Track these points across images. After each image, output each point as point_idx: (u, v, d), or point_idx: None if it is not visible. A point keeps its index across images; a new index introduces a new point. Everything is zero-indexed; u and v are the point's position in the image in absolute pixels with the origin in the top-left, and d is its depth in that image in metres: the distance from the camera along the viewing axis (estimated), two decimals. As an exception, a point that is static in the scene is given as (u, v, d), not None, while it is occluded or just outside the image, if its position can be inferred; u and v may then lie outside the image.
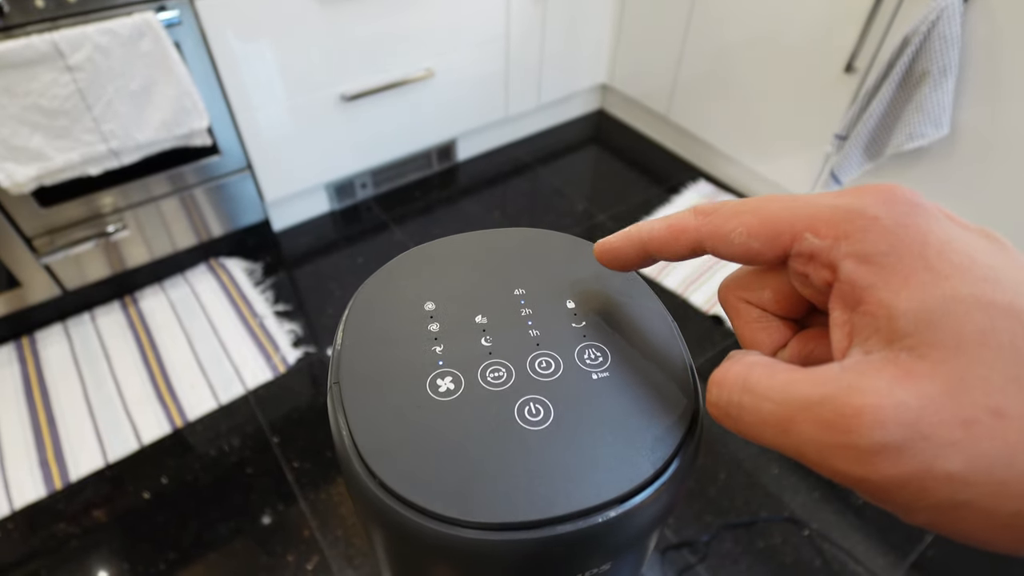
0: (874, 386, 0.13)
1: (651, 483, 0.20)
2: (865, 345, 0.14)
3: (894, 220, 0.15)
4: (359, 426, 0.21)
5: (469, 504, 0.19)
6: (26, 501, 1.04)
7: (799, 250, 0.16)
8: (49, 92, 1.01)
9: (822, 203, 0.16)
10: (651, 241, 0.21)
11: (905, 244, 0.14)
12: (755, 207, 0.18)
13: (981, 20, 1.06)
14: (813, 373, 0.15)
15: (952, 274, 0.14)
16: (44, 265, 1.21)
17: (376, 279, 0.27)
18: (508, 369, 0.23)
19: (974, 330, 0.13)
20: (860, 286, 0.15)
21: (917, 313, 0.13)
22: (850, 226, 0.15)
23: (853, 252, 0.15)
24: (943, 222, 0.15)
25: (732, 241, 0.18)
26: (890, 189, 0.16)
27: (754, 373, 0.16)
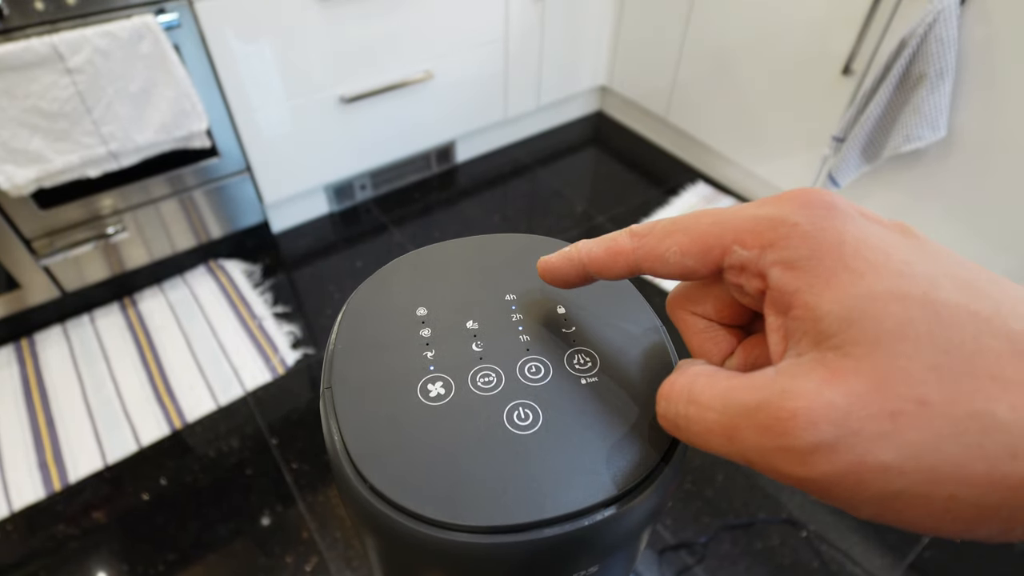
0: (804, 388, 0.14)
1: (639, 486, 0.20)
2: (797, 347, 0.15)
3: (812, 224, 0.15)
4: (350, 430, 0.21)
5: (458, 508, 0.19)
6: (25, 502, 1.05)
7: (730, 263, 0.17)
8: (49, 94, 1.01)
9: (747, 214, 0.17)
10: (591, 263, 0.21)
11: (824, 247, 0.15)
12: (686, 225, 0.18)
13: (978, 23, 1.06)
14: (750, 379, 0.15)
15: (868, 271, 0.14)
16: (43, 267, 1.22)
17: (369, 284, 0.27)
18: (498, 374, 0.23)
19: (892, 324, 0.13)
20: (787, 291, 0.15)
21: (839, 313, 0.14)
22: (773, 234, 0.16)
23: (778, 260, 0.16)
24: (858, 221, 0.16)
25: (667, 260, 0.18)
26: (806, 193, 0.16)
27: (697, 383, 0.17)
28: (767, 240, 0.16)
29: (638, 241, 0.19)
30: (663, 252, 0.18)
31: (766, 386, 0.15)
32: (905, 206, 1.31)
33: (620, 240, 0.20)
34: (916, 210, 1.29)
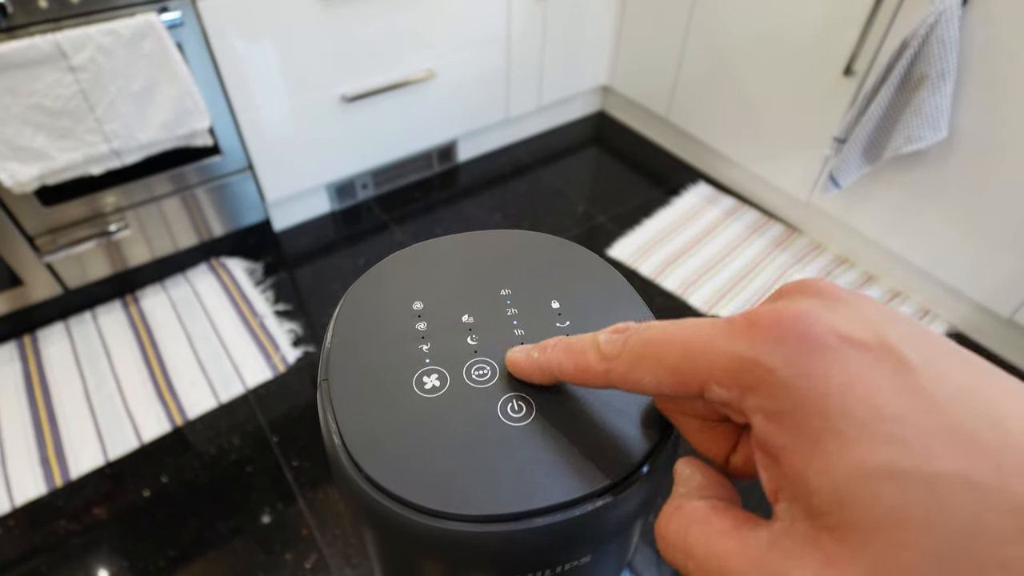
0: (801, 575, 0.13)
1: (629, 477, 0.21)
2: (791, 509, 0.14)
3: (790, 370, 0.14)
4: (347, 421, 0.22)
5: (452, 497, 0.19)
6: (27, 498, 1.05)
7: (710, 397, 0.16)
8: (52, 92, 1.02)
9: (718, 349, 0.16)
10: (561, 375, 0.21)
11: (808, 401, 0.14)
12: (656, 352, 0.17)
13: (979, 24, 1.06)
14: (745, 547, 0.15)
15: (858, 439, 0.13)
16: (46, 264, 1.22)
17: (367, 279, 0.28)
18: (492, 367, 0.24)
19: (887, 507, 0.13)
20: (773, 445, 0.15)
21: (830, 492, 0.13)
22: (749, 378, 0.15)
23: (759, 408, 0.15)
24: (840, 356, 0.14)
25: (644, 388, 0.18)
26: (778, 325, 0.15)
27: (692, 534, 0.16)
28: (744, 383, 0.15)
29: (607, 364, 0.19)
30: (638, 379, 0.18)
31: (762, 563, 0.14)
32: (906, 207, 1.31)
33: (589, 359, 0.20)
34: (917, 211, 1.29)
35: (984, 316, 1.31)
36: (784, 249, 1.54)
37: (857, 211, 1.41)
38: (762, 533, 0.15)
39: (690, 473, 0.19)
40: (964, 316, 1.35)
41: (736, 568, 0.15)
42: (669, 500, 0.18)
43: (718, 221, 1.63)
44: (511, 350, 0.23)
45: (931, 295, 1.39)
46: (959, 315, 1.35)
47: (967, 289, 1.28)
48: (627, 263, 1.50)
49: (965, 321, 1.35)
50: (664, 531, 0.17)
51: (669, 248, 1.55)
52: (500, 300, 0.26)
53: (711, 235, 1.59)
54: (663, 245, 1.56)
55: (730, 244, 1.56)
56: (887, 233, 1.37)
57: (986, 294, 1.25)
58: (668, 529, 0.17)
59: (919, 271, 1.37)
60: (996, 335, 1.30)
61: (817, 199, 1.48)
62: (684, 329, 0.17)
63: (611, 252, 1.54)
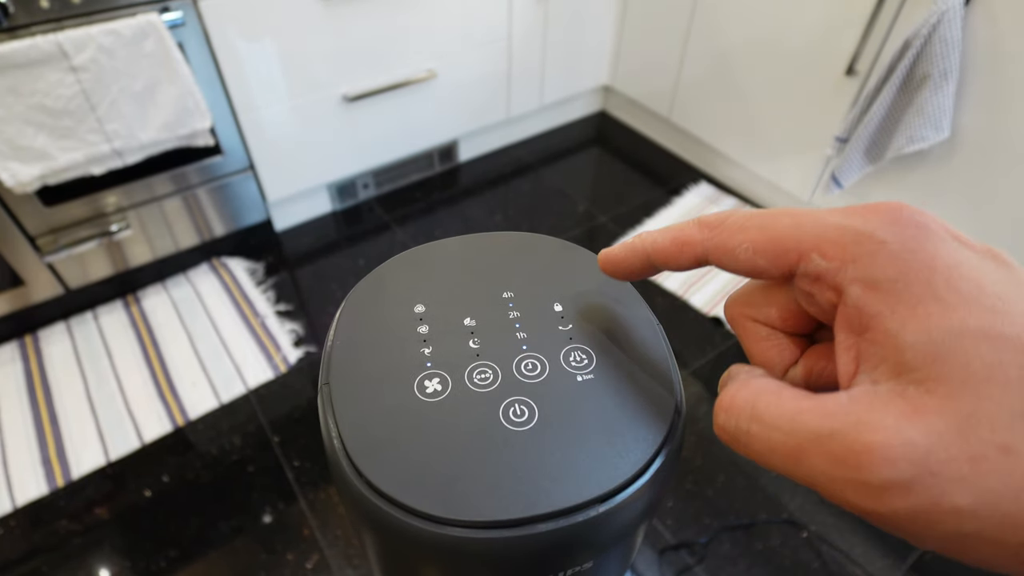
0: (883, 422, 0.13)
1: (631, 483, 0.20)
2: (873, 374, 0.14)
3: (902, 244, 0.15)
4: (348, 426, 0.22)
5: (453, 503, 0.19)
6: (28, 498, 1.05)
7: (805, 270, 0.16)
8: (54, 92, 1.02)
9: (830, 222, 0.16)
10: (655, 253, 0.20)
11: (913, 271, 0.14)
12: (761, 223, 0.17)
13: (982, 23, 1.06)
14: (822, 403, 0.15)
15: (959, 304, 0.14)
16: (47, 264, 1.22)
17: (368, 282, 0.27)
18: (495, 371, 0.23)
19: (981, 365, 0.13)
20: (867, 313, 0.15)
21: (924, 346, 0.13)
22: (858, 249, 0.15)
23: (860, 277, 0.15)
24: (950, 245, 0.15)
25: (737, 257, 0.18)
26: (898, 209, 0.15)
27: (762, 400, 0.16)
28: (851, 254, 0.15)
29: (708, 232, 0.19)
30: (734, 247, 0.18)
31: (840, 413, 0.14)
32: (908, 207, 1.30)
33: (688, 230, 0.19)
34: (919, 211, 1.29)
35: (986, 316, 1.30)
36: (786, 249, 1.54)
37: (859, 211, 1.40)
38: (839, 395, 0.15)
39: (749, 368, 0.19)
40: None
41: (810, 420, 0.14)
42: (731, 382, 0.18)
43: (720, 221, 1.62)
44: (602, 251, 0.23)
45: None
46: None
47: (969, 289, 1.27)
48: (628, 263, 1.50)
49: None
50: (729, 402, 0.17)
51: (670, 248, 1.54)
52: (502, 303, 0.26)
53: (713, 235, 1.58)
54: (664, 245, 1.55)
55: (732, 244, 1.55)
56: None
57: (988, 294, 1.25)
58: (735, 399, 0.17)
59: (921, 271, 1.37)
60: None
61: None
62: (794, 208, 0.17)
63: (612, 252, 1.53)
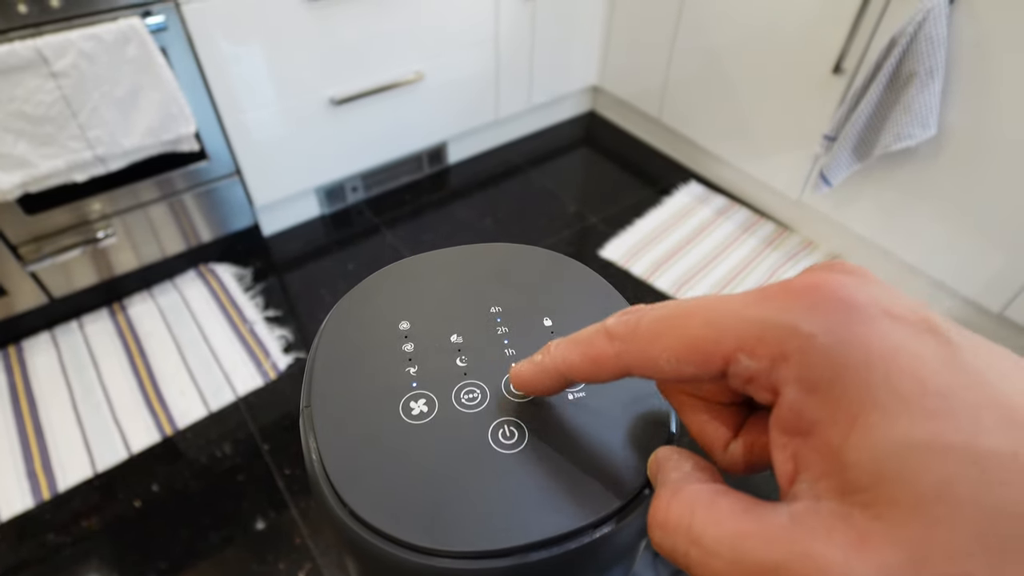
0: (830, 556, 0.12)
1: (627, 507, 0.20)
2: (815, 486, 0.13)
3: (830, 335, 0.14)
4: (330, 451, 0.21)
5: (441, 532, 0.19)
6: (14, 512, 1.03)
7: (735, 372, 0.15)
8: (33, 99, 1.00)
9: (749, 317, 0.15)
10: (569, 372, 0.19)
11: (849, 369, 0.13)
12: (674, 326, 0.16)
13: (967, 21, 1.06)
14: (763, 525, 0.14)
15: (901, 411, 0.12)
16: (30, 273, 1.20)
17: (351, 297, 0.27)
18: (483, 390, 0.23)
19: (931, 483, 0.12)
20: (807, 419, 0.14)
21: (868, 464, 0.12)
22: (785, 346, 0.14)
23: (794, 378, 0.14)
24: (883, 326, 0.14)
25: (662, 368, 0.16)
26: (817, 289, 0.14)
27: (698, 518, 0.15)
28: (777, 352, 0.14)
29: (620, 345, 0.17)
30: (655, 359, 0.16)
31: (783, 541, 0.13)
32: (896, 204, 1.31)
33: (598, 344, 0.18)
34: (907, 208, 1.29)
35: (975, 312, 1.31)
36: (776, 248, 1.54)
37: (848, 209, 1.41)
38: (781, 512, 0.14)
39: (678, 459, 0.18)
40: (955, 312, 1.35)
41: (753, 549, 0.13)
42: (662, 485, 0.17)
43: (710, 220, 1.63)
44: (513, 367, 0.22)
45: (922, 291, 1.39)
46: (950, 311, 1.36)
47: (957, 285, 1.28)
48: (619, 264, 1.50)
49: (956, 317, 1.35)
50: (664, 517, 0.16)
51: (661, 248, 1.54)
52: (490, 318, 0.26)
53: (703, 235, 1.59)
54: (655, 245, 1.55)
55: (722, 243, 1.56)
56: (878, 230, 1.38)
57: (976, 290, 1.25)
58: (668, 515, 0.15)
59: (910, 267, 1.37)
60: (987, 330, 1.31)
61: (808, 197, 1.48)
62: (706, 301, 0.16)
63: (603, 253, 1.53)
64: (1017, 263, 1.17)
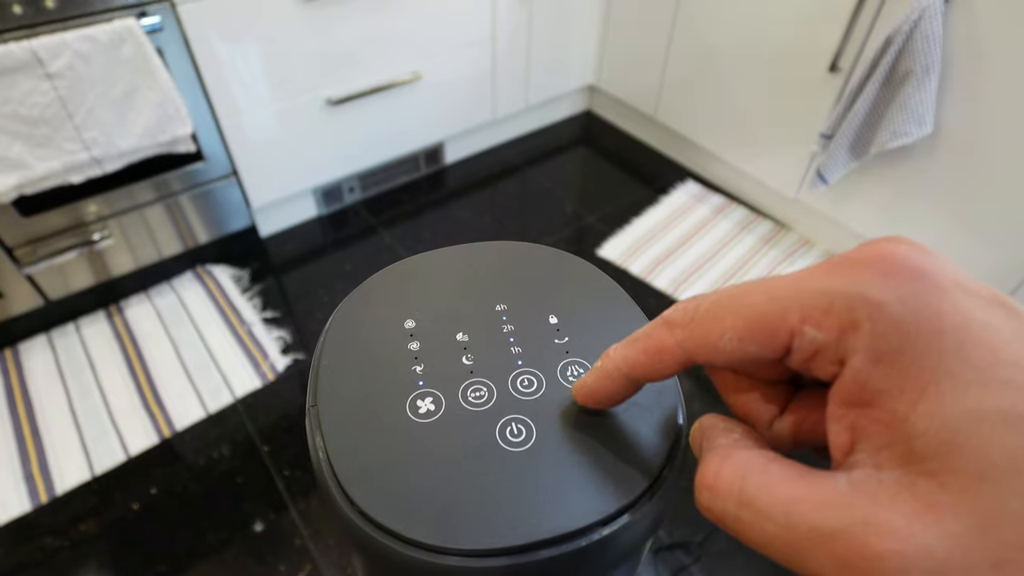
0: (893, 523, 0.12)
1: (635, 503, 0.20)
2: (876, 456, 0.13)
3: (902, 304, 0.13)
4: (337, 450, 0.21)
5: (449, 530, 0.19)
6: (11, 516, 1.03)
7: (801, 346, 0.15)
8: (28, 100, 0.99)
9: (814, 287, 0.14)
10: (633, 371, 0.19)
11: (920, 338, 0.13)
12: (736, 305, 0.16)
13: (963, 19, 1.07)
14: (819, 491, 0.13)
15: (973, 381, 0.12)
16: (26, 275, 1.20)
17: (355, 297, 0.27)
18: (490, 388, 0.23)
19: (1001, 454, 0.11)
20: (871, 389, 0.13)
21: (937, 432, 0.12)
22: (855, 315, 0.14)
23: (863, 347, 0.13)
24: (956, 297, 0.13)
25: (724, 350, 0.16)
26: (889, 257, 0.14)
27: (750, 483, 0.14)
28: (847, 321, 0.14)
29: (681, 333, 0.17)
30: (716, 341, 0.16)
31: (842, 507, 0.13)
32: (893, 202, 1.31)
33: (658, 336, 0.17)
34: (904, 205, 1.30)
35: (972, 309, 1.32)
36: (773, 246, 1.55)
37: (845, 206, 1.42)
38: (839, 479, 0.13)
39: (726, 425, 0.17)
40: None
41: (809, 513, 0.13)
42: (709, 451, 0.16)
43: (707, 219, 1.63)
44: (576, 382, 0.21)
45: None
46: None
47: (955, 283, 1.29)
48: (617, 263, 1.50)
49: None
50: (713, 481, 0.15)
51: (659, 247, 1.54)
52: (495, 316, 0.26)
53: (700, 233, 1.59)
54: (653, 244, 1.55)
55: (720, 242, 1.56)
56: (875, 228, 1.38)
57: (974, 287, 1.26)
58: (719, 478, 0.15)
59: (907, 265, 1.38)
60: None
61: (805, 195, 1.48)
62: (767, 280, 0.16)
63: (601, 252, 1.53)
64: (1013, 260, 1.17)
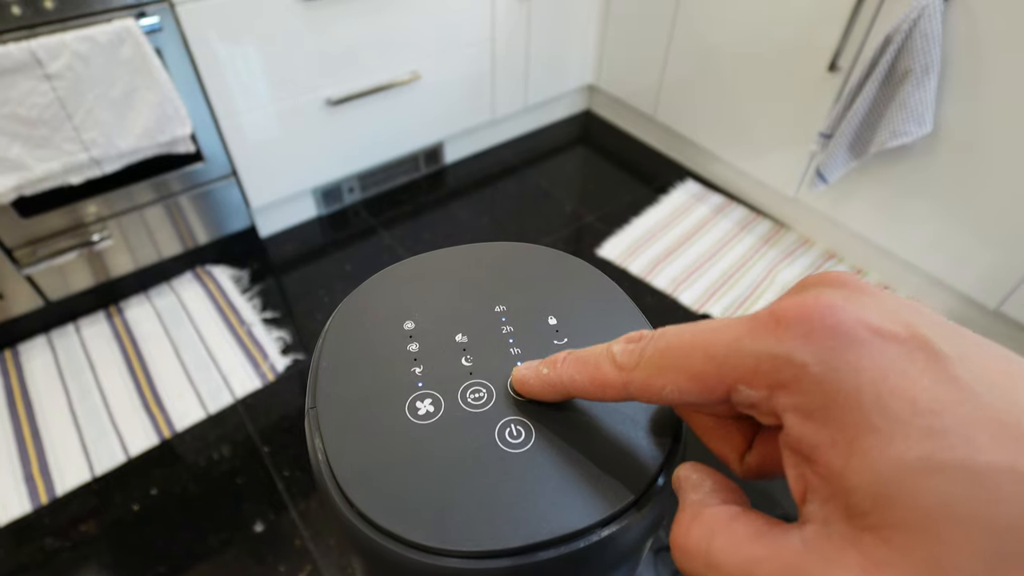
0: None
1: (634, 504, 0.20)
2: (823, 508, 0.14)
3: (822, 363, 0.14)
4: (336, 452, 0.21)
5: (449, 532, 0.19)
6: (11, 517, 1.03)
7: (738, 400, 0.16)
8: (28, 101, 0.99)
9: (744, 350, 0.15)
10: (574, 390, 0.20)
11: (841, 395, 0.13)
12: (676, 362, 0.17)
13: (962, 18, 1.07)
14: (776, 551, 0.14)
15: (895, 432, 0.13)
16: (26, 276, 1.20)
17: (354, 298, 0.27)
18: (489, 390, 0.23)
19: (932, 503, 0.12)
20: (808, 444, 0.14)
21: (870, 487, 0.13)
22: (780, 376, 0.14)
23: (791, 406, 0.14)
24: (871, 348, 0.14)
25: (666, 397, 0.17)
26: (807, 317, 0.14)
27: (715, 544, 0.15)
28: (774, 381, 0.15)
29: (627, 375, 0.18)
30: (659, 390, 0.17)
31: (796, 567, 0.13)
32: (892, 201, 1.31)
33: (604, 370, 0.19)
34: (903, 205, 1.30)
35: (971, 308, 1.32)
36: (773, 245, 1.55)
37: (844, 206, 1.42)
38: (793, 537, 0.14)
39: (698, 478, 0.18)
40: (951, 308, 1.35)
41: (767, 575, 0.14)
42: (681, 508, 0.18)
43: (707, 218, 1.63)
44: (517, 367, 0.22)
45: (918, 288, 1.40)
46: (946, 307, 1.36)
47: (954, 282, 1.29)
48: (616, 262, 1.50)
49: (952, 314, 1.36)
50: (683, 542, 0.16)
51: (658, 246, 1.54)
52: (495, 317, 0.26)
53: (700, 232, 1.59)
54: (652, 244, 1.55)
55: (719, 241, 1.56)
56: (874, 227, 1.38)
57: (973, 286, 1.26)
58: (688, 539, 0.16)
59: (906, 264, 1.38)
60: (983, 327, 1.31)
61: (804, 195, 1.48)
62: (704, 332, 0.16)
63: (600, 252, 1.53)
64: (1013, 259, 1.17)
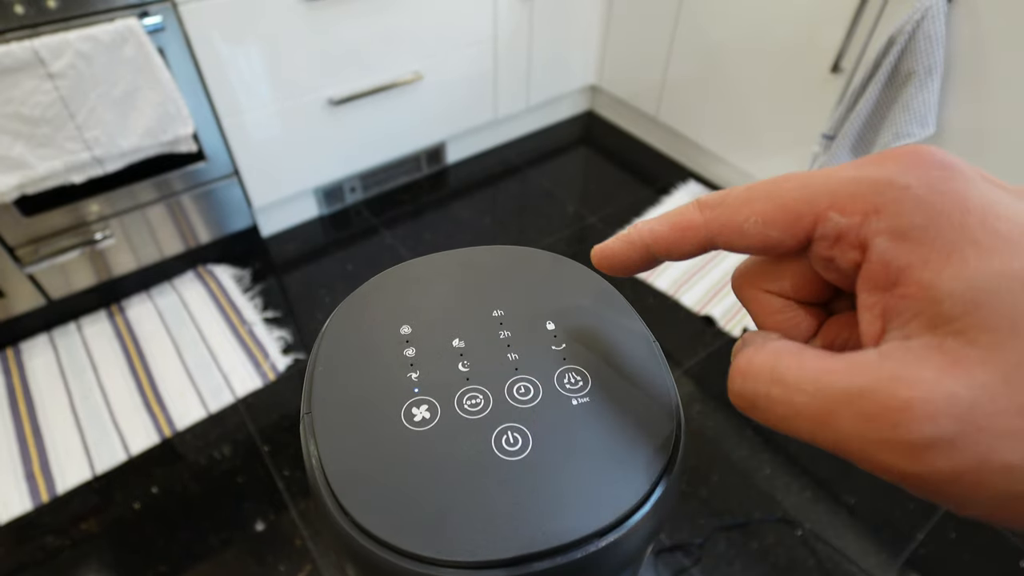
0: (920, 376, 0.12)
1: (633, 513, 0.20)
2: (904, 330, 0.13)
3: (928, 187, 0.14)
4: (331, 459, 0.21)
5: (444, 542, 0.18)
6: (12, 515, 1.03)
7: (824, 232, 0.15)
8: (30, 100, 0.99)
9: (842, 176, 0.15)
10: (655, 243, 0.19)
11: (944, 215, 0.13)
12: (767, 191, 0.16)
13: (965, 19, 1.06)
14: (849, 361, 0.14)
15: (999, 247, 0.12)
16: (28, 275, 1.20)
17: (350, 302, 0.26)
18: (485, 396, 0.23)
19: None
20: (896, 266, 0.14)
21: (964, 294, 0.12)
22: (880, 199, 0.14)
23: (886, 228, 0.14)
24: (981, 185, 0.14)
25: (746, 232, 0.16)
26: (916, 152, 0.14)
27: (782, 361, 0.15)
28: (872, 205, 0.14)
29: (710, 213, 0.17)
30: (741, 223, 0.16)
31: (870, 370, 0.13)
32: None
33: (688, 214, 0.18)
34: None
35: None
36: (775, 246, 1.54)
37: (847, 208, 1.41)
38: (868, 352, 0.14)
39: (765, 333, 0.17)
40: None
41: (839, 380, 0.13)
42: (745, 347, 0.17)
43: (709, 219, 1.62)
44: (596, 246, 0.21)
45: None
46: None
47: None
48: (619, 263, 1.50)
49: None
50: (746, 366, 0.16)
51: (660, 247, 1.54)
52: (492, 322, 0.25)
53: (702, 233, 1.58)
54: (654, 244, 1.55)
55: (721, 242, 1.56)
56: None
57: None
58: (752, 363, 0.15)
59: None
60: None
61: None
62: (800, 172, 0.16)
63: (602, 252, 1.53)
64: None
